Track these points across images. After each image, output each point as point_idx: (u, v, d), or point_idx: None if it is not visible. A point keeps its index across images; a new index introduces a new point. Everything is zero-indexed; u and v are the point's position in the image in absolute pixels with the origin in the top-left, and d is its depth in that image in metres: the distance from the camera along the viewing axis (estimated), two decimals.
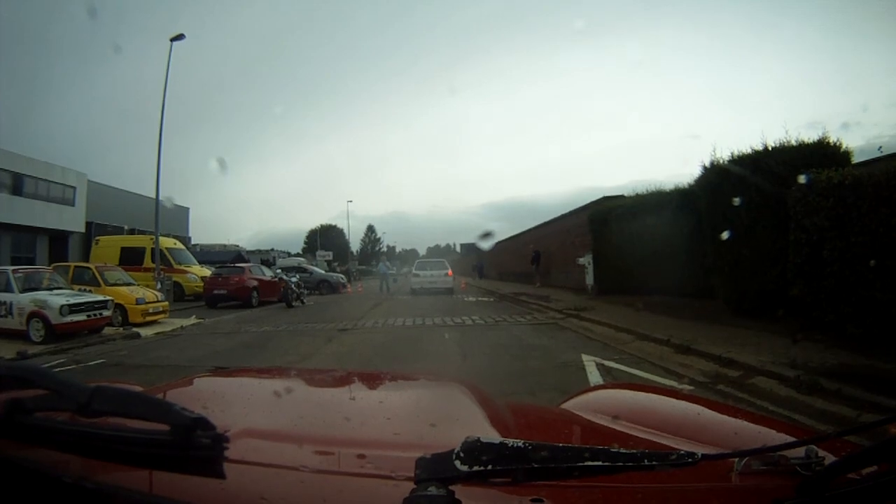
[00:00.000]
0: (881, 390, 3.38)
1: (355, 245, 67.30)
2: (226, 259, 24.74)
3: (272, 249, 41.00)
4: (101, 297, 9.23)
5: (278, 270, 17.30)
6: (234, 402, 1.17)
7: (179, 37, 14.20)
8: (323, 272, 24.38)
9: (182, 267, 16.84)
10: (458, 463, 0.53)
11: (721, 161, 7.06)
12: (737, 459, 0.69)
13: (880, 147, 6.73)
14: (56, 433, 0.62)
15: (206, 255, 26.19)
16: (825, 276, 5.03)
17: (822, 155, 5.98)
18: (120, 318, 9.86)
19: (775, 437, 0.91)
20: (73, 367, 6.24)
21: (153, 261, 14.64)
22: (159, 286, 12.97)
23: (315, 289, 19.77)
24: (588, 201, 14.15)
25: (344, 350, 6.91)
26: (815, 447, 0.66)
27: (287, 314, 12.23)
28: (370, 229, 74.31)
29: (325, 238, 54.62)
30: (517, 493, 0.60)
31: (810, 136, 6.41)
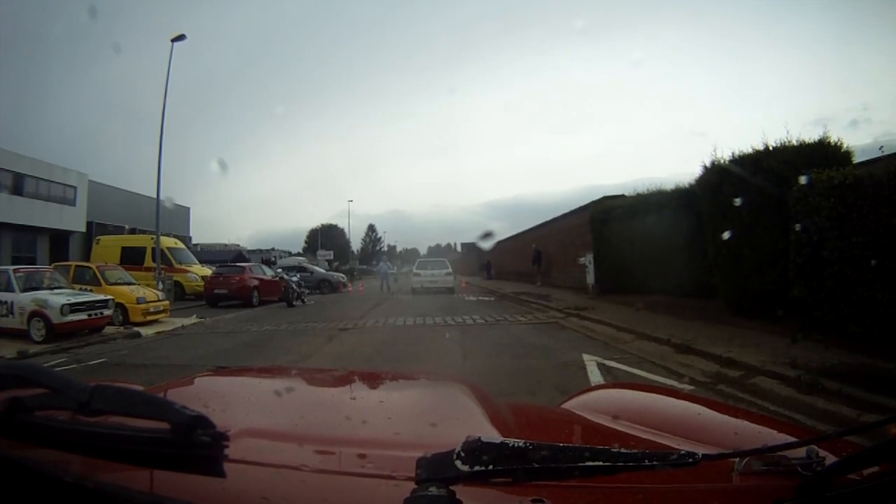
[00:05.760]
0: (882, 390, 3.38)
1: (356, 244, 67.49)
2: (226, 258, 24.81)
3: (273, 249, 41.16)
4: (101, 297, 9.23)
5: (279, 270, 17.33)
6: (235, 401, 1.17)
7: (180, 37, 14.21)
8: (324, 271, 24.40)
9: (183, 266, 16.84)
10: (458, 463, 0.53)
11: (722, 161, 7.06)
12: (737, 459, 0.69)
13: (881, 147, 6.71)
14: (56, 432, 0.62)
15: (206, 254, 26.30)
16: (826, 276, 5.02)
17: (823, 155, 5.98)
18: (121, 317, 9.87)
19: (776, 437, 0.91)
20: (74, 366, 6.24)
21: (154, 260, 14.66)
22: (160, 285, 12.98)
23: (316, 288, 19.78)
24: (590, 200, 14.14)
25: (344, 349, 6.91)
26: (815, 447, 0.65)
27: (288, 313, 12.23)
28: (371, 229, 74.46)
29: (325, 237, 54.68)
30: (518, 493, 0.60)
31: (816, 135, 6.42)
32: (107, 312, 8.97)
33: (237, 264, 17.53)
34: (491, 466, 0.53)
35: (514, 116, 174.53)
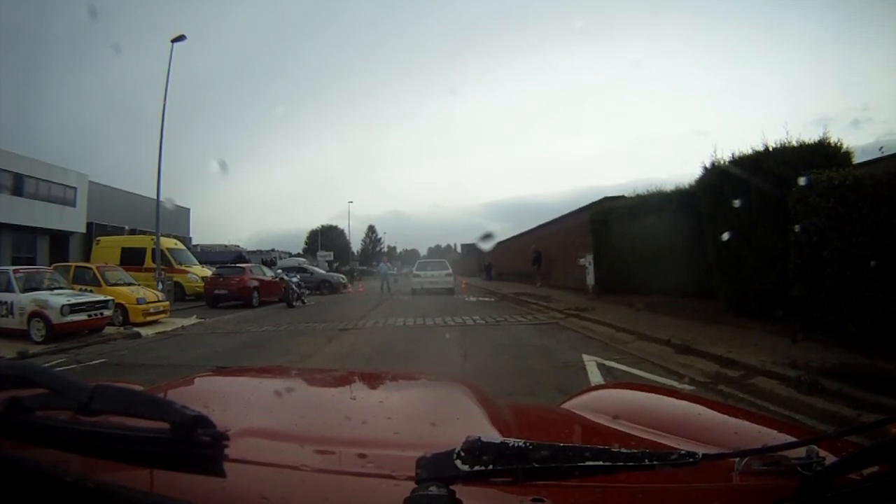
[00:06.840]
0: (882, 390, 3.38)
1: (356, 245, 67.61)
2: (226, 259, 24.88)
3: (273, 250, 41.25)
4: (101, 297, 9.24)
5: (279, 270, 17.33)
6: (235, 401, 1.17)
7: (180, 38, 14.23)
8: (324, 272, 24.40)
9: (183, 267, 16.85)
10: (458, 462, 0.53)
11: (721, 162, 7.06)
12: (737, 459, 0.69)
13: (881, 147, 6.72)
14: (56, 432, 0.62)
15: (206, 255, 26.38)
16: (826, 277, 5.02)
17: (823, 155, 5.98)
18: (121, 317, 9.87)
19: (776, 436, 0.91)
20: (74, 366, 6.24)
21: (154, 261, 14.67)
22: (160, 286, 12.98)
23: (316, 289, 19.77)
24: (590, 201, 14.14)
25: (345, 350, 6.91)
26: (815, 447, 0.65)
27: (288, 314, 12.23)
28: (371, 229, 74.58)
29: (325, 238, 54.75)
30: (518, 493, 0.60)
31: (817, 135, 6.40)
32: (107, 313, 8.98)
33: (237, 265, 17.55)
34: (491, 466, 0.53)
35: (514, 116, 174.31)
